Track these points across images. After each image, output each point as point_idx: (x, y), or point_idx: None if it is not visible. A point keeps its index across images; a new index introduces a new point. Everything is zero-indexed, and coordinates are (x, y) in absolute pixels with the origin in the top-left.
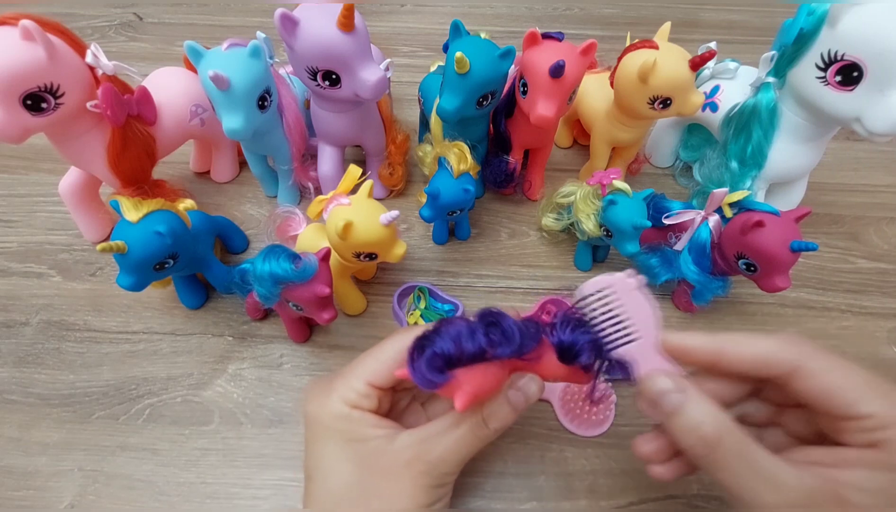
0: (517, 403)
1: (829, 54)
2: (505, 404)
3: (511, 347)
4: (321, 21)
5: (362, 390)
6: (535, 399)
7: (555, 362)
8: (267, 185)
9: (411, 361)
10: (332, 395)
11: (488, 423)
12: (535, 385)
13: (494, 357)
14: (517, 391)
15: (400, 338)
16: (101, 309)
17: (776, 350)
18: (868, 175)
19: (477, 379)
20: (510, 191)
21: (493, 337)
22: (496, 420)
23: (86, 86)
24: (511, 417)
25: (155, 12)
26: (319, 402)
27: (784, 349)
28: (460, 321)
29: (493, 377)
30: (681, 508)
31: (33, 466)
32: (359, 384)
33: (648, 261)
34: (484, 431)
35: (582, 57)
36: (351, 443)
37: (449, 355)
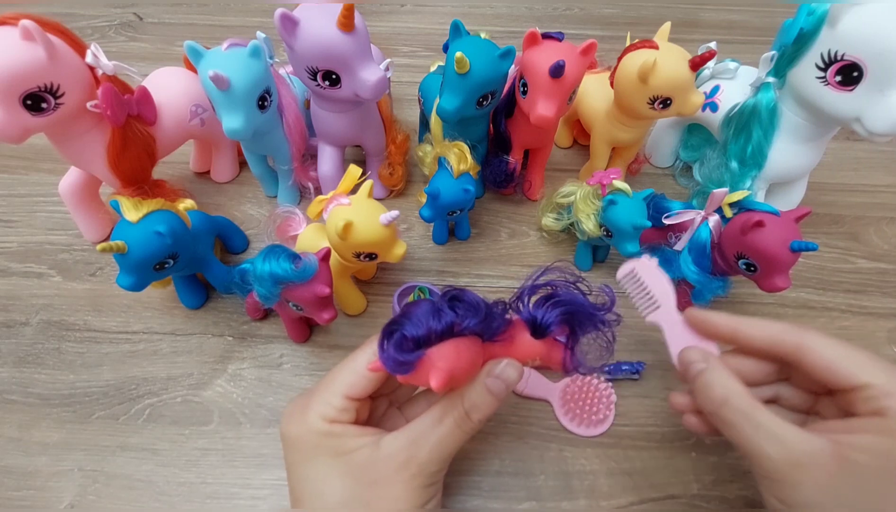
0: (497, 391)
1: (829, 54)
2: (485, 393)
3: (478, 317)
4: (321, 21)
5: (339, 404)
6: (515, 384)
7: (529, 340)
8: (267, 185)
9: (381, 349)
10: (310, 413)
11: (471, 415)
12: (512, 370)
13: (463, 331)
14: (495, 379)
15: (371, 346)
16: (101, 309)
17: (783, 330)
18: (868, 175)
19: (450, 356)
20: (510, 191)
21: (458, 310)
22: (478, 410)
23: (86, 86)
24: (493, 405)
25: (155, 12)
26: (298, 422)
27: (790, 330)
28: (425, 302)
29: (467, 353)
30: (681, 508)
31: (33, 466)
32: (335, 399)
33: None
34: (468, 423)
35: (582, 57)
36: (338, 457)
37: (417, 336)
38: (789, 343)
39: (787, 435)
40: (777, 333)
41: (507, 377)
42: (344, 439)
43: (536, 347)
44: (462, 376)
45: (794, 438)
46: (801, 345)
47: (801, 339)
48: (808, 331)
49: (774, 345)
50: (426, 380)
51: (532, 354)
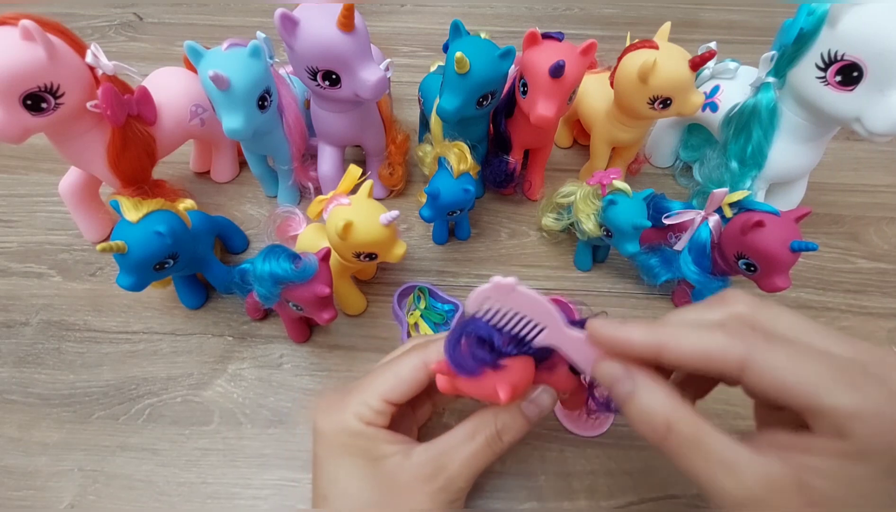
0: (531, 415)
1: (829, 54)
2: (519, 416)
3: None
4: (321, 21)
5: (377, 407)
6: (549, 411)
7: (567, 373)
8: (267, 185)
9: (452, 348)
10: (346, 411)
11: (503, 436)
12: (548, 397)
13: (531, 350)
14: (530, 403)
15: (417, 353)
16: (101, 309)
17: (721, 346)
18: (868, 175)
19: (521, 371)
20: (510, 191)
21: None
22: (510, 433)
23: (86, 86)
24: (525, 429)
25: (155, 12)
26: (333, 418)
27: (729, 345)
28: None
29: (528, 374)
30: (681, 508)
31: (33, 466)
32: (374, 400)
33: (648, 261)
34: (498, 444)
35: (582, 57)
36: (368, 461)
37: (497, 343)
38: (731, 362)
39: (742, 463)
40: (715, 350)
41: (541, 403)
42: (376, 443)
43: (572, 382)
44: (520, 394)
45: (750, 466)
46: (748, 366)
47: (745, 355)
48: (753, 343)
49: (711, 364)
50: (491, 390)
51: (567, 387)
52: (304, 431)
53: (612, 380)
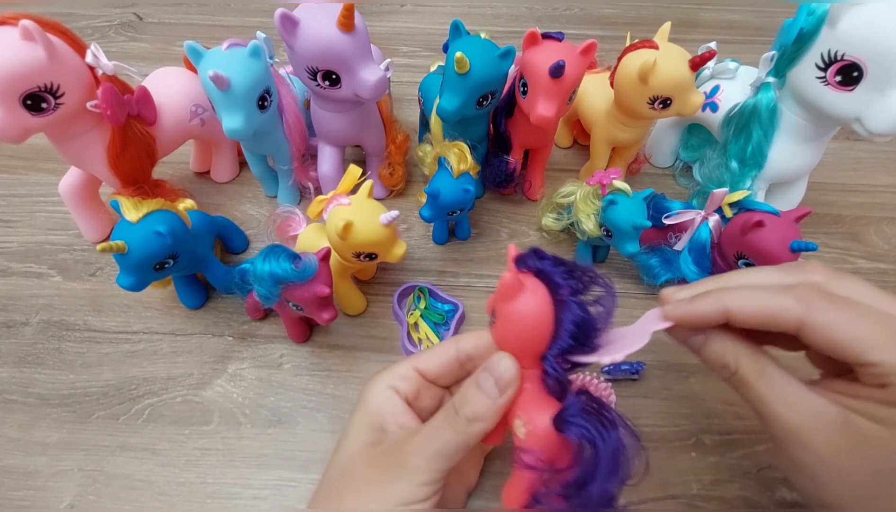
0: (486, 387)
1: (829, 54)
2: (473, 386)
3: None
4: (321, 21)
5: (404, 373)
6: (509, 383)
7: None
8: (267, 185)
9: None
10: (381, 376)
11: (459, 409)
12: (504, 362)
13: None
14: (483, 371)
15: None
16: (101, 309)
17: (781, 307)
18: (868, 175)
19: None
20: (510, 191)
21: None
22: (467, 405)
23: (86, 86)
24: (483, 403)
25: (155, 12)
26: (371, 382)
27: (788, 306)
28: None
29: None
30: (681, 508)
31: (33, 466)
32: (404, 368)
33: (648, 261)
34: (457, 420)
35: (582, 57)
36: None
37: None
38: (790, 321)
39: (797, 396)
40: (776, 310)
41: (496, 369)
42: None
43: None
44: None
45: (804, 399)
46: (804, 322)
47: (804, 315)
48: (812, 303)
49: (773, 323)
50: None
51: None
52: (303, 431)
53: (685, 336)
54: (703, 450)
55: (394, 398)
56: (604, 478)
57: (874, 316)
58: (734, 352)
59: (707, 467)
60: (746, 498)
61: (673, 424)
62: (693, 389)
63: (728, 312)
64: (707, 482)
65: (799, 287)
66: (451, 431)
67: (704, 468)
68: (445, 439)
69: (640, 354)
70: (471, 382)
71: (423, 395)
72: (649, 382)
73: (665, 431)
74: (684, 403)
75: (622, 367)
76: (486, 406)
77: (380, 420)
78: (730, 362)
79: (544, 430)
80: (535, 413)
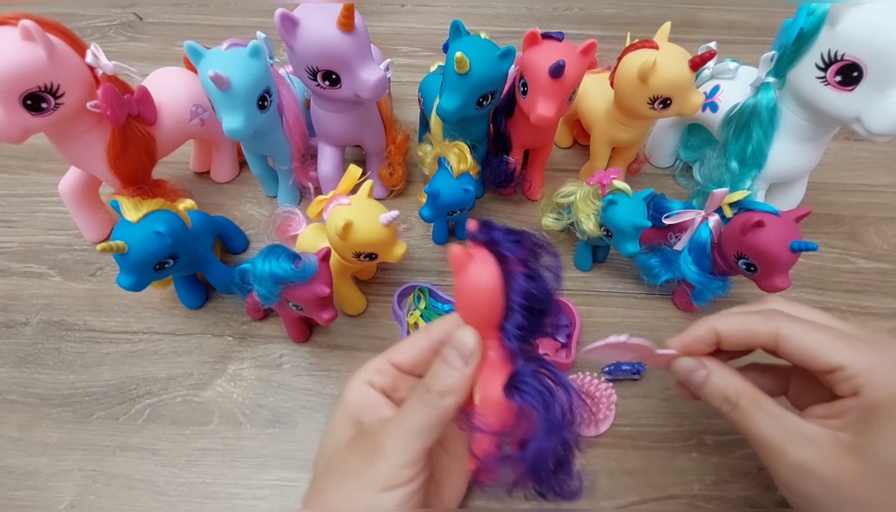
0: (451, 360)
1: (829, 54)
2: (440, 362)
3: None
4: (321, 21)
5: (380, 366)
6: (471, 353)
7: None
8: (267, 185)
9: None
10: (357, 373)
11: (430, 386)
12: (465, 334)
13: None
14: (447, 345)
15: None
16: (101, 309)
17: (755, 322)
18: (868, 175)
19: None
20: (510, 191)
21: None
22: (436, 381)
23: (86, 86)
24: (451, 376)
25: (155, 12)
26: (349, 380)
27: (762, 321)
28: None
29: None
30: (681, 508)
31: (33, 466)
32: (380, 362)
33: (648, 261)
34: (427, 396)
35: (582, 57)
36: (355, 424)
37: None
38: (764, 334)
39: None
40: (751, 326)
41: (458, 342)
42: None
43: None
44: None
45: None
46: (776, 335)
47: (775, 329)
48: (779, 319)
49: (752, 338)
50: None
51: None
52: (303, 431)
53: (688, 370)
54: (704, 450)
55: (369, 392)
56: (543, 437)
57: (828, 328)
58: (734, 386)
59: (708, 467)
60: (748, 498)
61: (674, 425)
62: None
63: (717, 332)
64: (708, 482)
65: (765, 311)
66: (423, 408)
67: (706, 468)
68: (419, 416)
69: None
70: (438, 359)
71: (400, 386)
72: (650, 383)
73: (666, 432)
74: (685, 404)
75: (623, 367)
76: (453, 378)
77: (357, 414)
78: (731, 395)
79: (497, 395)
80: (490, 380)
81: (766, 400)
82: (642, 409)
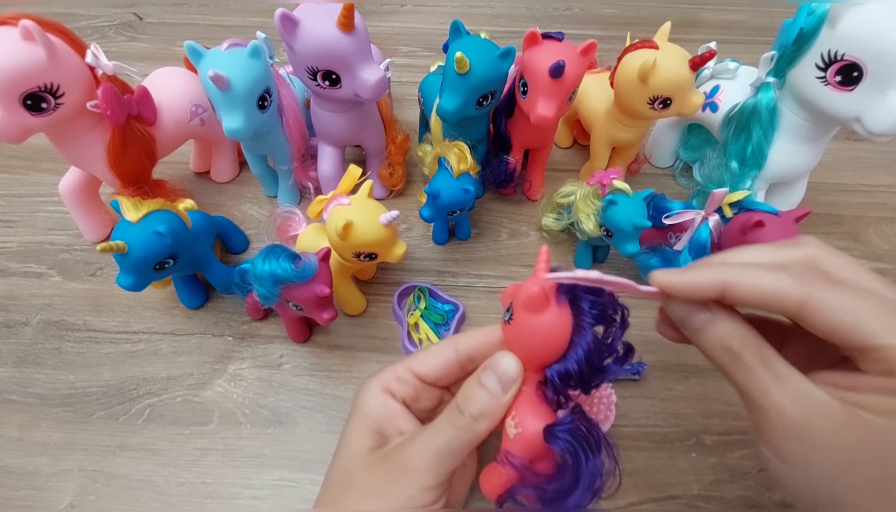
0: (489, 384)
1: (829, 54)
2: (475, 384)
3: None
4: (321, 21)
5: (401, 375)
6: (511, 380)
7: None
8: (267, 185)
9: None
10: (375, 379)
11: (463, 408)
12: (506, 360)
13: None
14: (485, 369)
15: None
16: (101, 309)
17: (783, 287)
18: (868, 175)
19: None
20: (510, 191)
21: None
22: (471, 403)
23: (86, 86)
24: (486, 400)
25: (155, 12)
26: (365, 385)
27: (791, 286)
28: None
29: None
30: (681, 508)
31: (33, 466)
32: (401, 370)
33: (648, 261)
34: (460, 418)
35: (582, 57)
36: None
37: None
38: (792, 302)
39: (801, 389)
40: (775, 291)
41: (497, 367)
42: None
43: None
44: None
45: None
46: (806, 305)
47: (805, 298)
48: (812, 283)
49: (773, 302)
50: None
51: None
52: (303, 431)
53: (686, 313)
54: (703, 450)
55: (390, 402)
56: (581, 494)
57: (876, 298)
58: (740, 336)
59: (707, 468)
60: (747, 498)
61: (673, 425)
62: (693, 389)
63: (727, 287)
64: (707, 483)
65: (797, 266)
66: (454, 430)
67: (705, 469)
68: (448, 438)
69: (640, 354)
70: (473, 380)
71: (420, 397)
72: (649, 383)
73: (665, 432)
74: (684, 404)
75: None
76: (490, 404)
77: (377, 424)
78: (733, 345)
79: (533, 435)
80: (528, 417)
81: (773, 355)
82: (642, 409)
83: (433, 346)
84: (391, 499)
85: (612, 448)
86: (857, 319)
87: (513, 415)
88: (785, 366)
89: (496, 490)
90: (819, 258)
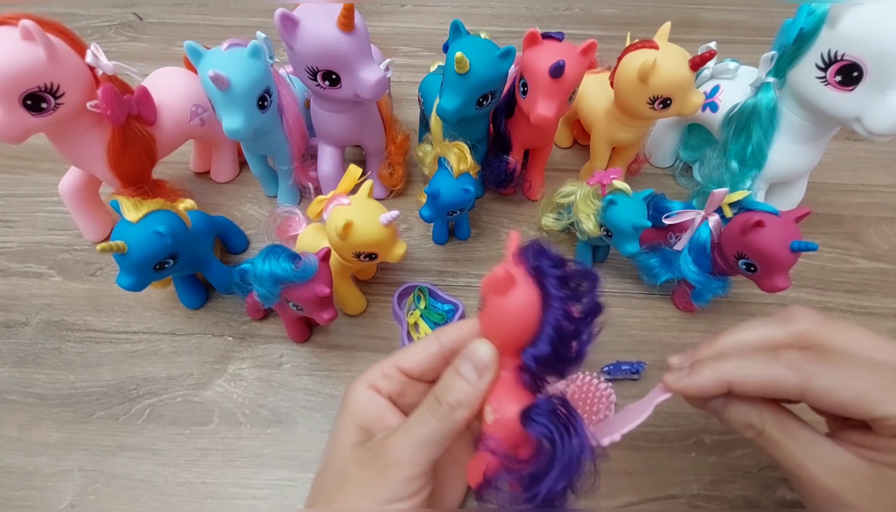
0: (465, 372)
1: (829, 54)
2: (454, 374)
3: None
4: (321, 21)
5: (387, 371)
6: (487, 367)
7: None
8: (267, 185)
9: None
10: (362, 377)
11: (441, 397)
12: (482, 348)
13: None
14: (462, 358)
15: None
16: (101, 309)
17: (780, 379)
18: (868, 175)
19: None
20: (510, 191)
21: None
22: (448, 392)
23: (86, 86)
24: (464, 389)
25: (155, 12)
26: (353, 383)
27: (787, 377)
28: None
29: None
30: (681, 508)
31: (33, 466)
32: (387, 366)
33: (648, 261)
34: (438, 408)
35: (582, 57)
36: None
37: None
38: (791, 389)
39: (827, 454)
40: (777, 382)
41: (473, 355)
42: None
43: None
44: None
45: (833, 457)
46: (805, 390)
47: (803, 384)
48: (810, 370)
49: (775, 393)
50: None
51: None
52: (303, 431)
53: (702, 402)
54: (703, 450)
55: (376, 398)
56: (554, 479)
57: (871, 368)
58: (757, 411)
59: (707, 467)
60: (747, 497)
61: (673, 424)
62: None
63: (731, 385)
64: (707, 482)
65: (790, 352)
66: (433, 420)
67: (704, 468)
68: (428, 429)
69: (640, 354)
70: (450, 370)
71: (407, 392)
72: (649, 383)
73: (665, 431)
74: (684, 403)
75: (622, 367)
76: (466, 391)
77: (365, 421)
78: (755, 422)
79: (510, 420)
80: (505, 402)
81: (794, 424)
82: None
83: (418, 341)
84: (381, 494)
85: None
86: (856, 394)
87: (490, 401)
88: (806, 432)
89: (475, 478)
90: (812, 333)
